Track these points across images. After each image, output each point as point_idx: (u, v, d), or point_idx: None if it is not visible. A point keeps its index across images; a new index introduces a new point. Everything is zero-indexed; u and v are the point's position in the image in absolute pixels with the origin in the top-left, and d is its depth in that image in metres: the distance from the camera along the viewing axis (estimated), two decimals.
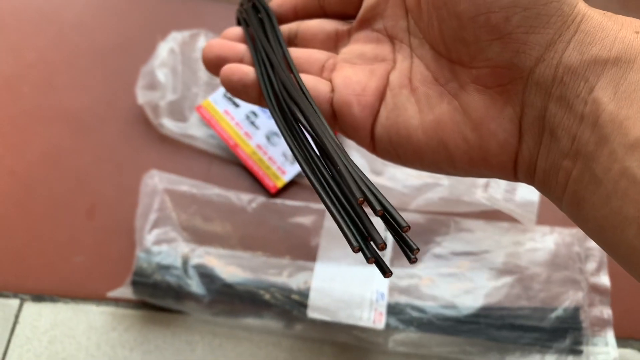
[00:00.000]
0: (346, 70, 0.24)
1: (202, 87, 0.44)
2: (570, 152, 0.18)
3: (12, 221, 0.39)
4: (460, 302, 0.36)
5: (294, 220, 0.40)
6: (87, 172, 0.41)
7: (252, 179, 0.41)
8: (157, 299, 0.36)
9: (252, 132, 0.42)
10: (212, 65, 0.27)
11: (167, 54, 0.43)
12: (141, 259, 0.36)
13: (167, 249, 0.37)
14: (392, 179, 0.40)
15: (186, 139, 0.42)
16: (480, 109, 0.20)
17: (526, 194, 0.39)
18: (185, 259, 0.37)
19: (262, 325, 0.36)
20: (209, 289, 0.36)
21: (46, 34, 0.46)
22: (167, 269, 0.36)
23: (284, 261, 0.38)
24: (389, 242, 0.39)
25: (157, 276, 0.35)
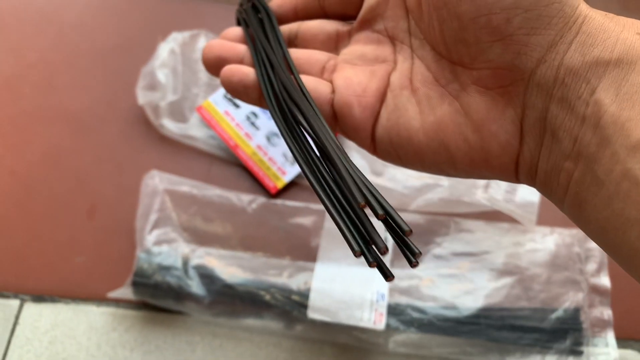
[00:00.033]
0: (347, 71, 0.24)
1: (202, 87, 0.44)
2: (571, 153, 0.18)
3: (12, 221, 0.39)
4: (460, 303, 0.36)
5: (294, 220, 0.40)
6: (88, 172, 0.41)
7: (252, 179, 0.41)
8: (158, 300, 0.36)
9: (252, 132, 0.42)
10: (212, 66, 0.27)
11: (167, 55, 0.43)
12: (142, 259, 0.36)
13: (167, 249, 0.37)
14: (392, 180, 0.40)
15: (186, 140, 0.42)
16: (481, 110, 0.20)
17: (526, 194, 0.39)
18: (185, 259, 0.37)
19: (263, 325, 0.36)
20: (209, 290, 0.36)
21: (46, 34, 0.46)
22: (167, 269, 0.36)
23: (284, 262, 0.38)
24: (389, 242, 0.39)
25: (158, 277, 0.35)
